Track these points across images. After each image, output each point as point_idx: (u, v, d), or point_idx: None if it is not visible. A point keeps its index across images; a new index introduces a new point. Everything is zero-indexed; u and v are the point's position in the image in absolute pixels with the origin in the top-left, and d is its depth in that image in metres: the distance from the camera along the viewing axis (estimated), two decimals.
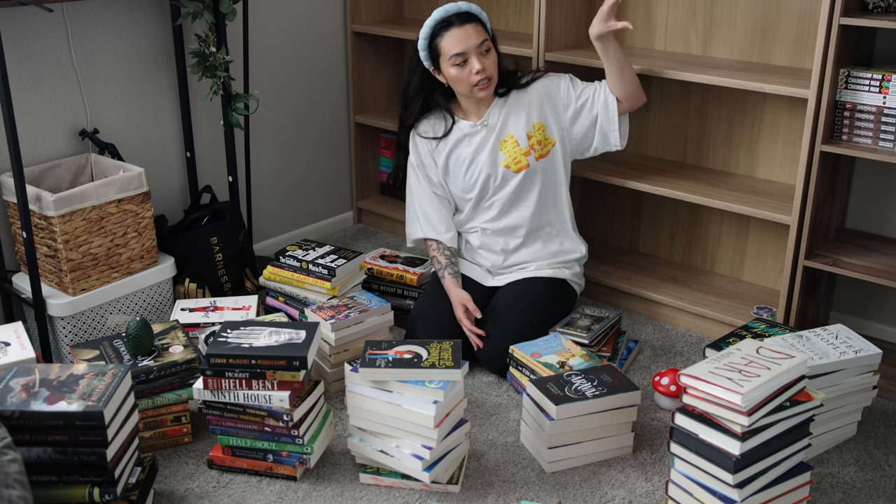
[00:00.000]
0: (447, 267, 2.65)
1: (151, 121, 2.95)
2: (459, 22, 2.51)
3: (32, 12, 2.55)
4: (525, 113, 2.63)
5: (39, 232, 2.53)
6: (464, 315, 2.53)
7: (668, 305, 2.88)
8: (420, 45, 2.57)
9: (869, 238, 2.66)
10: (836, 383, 2.14)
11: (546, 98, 2.64)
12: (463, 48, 2.49)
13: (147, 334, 2.23)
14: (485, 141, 2.64)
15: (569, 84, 2.65)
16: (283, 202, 3.48)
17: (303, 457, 2.09)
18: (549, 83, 2.65)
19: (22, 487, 1.61)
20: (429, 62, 2.58)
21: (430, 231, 2.71)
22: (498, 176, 2.64)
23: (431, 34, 2.54)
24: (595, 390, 2.16)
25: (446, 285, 2.62)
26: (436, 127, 2.68)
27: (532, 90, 2.64)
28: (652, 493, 2.08)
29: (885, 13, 2.30)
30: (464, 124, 2.66)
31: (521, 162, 2.62)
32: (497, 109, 2.64)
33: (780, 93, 2.45)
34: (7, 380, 1.89)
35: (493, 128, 2.63)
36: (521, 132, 2.62)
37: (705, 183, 2.80)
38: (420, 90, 2.65)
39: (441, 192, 2.72)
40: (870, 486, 2.10)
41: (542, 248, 2.72)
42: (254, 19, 3.09)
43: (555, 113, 2.64)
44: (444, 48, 2.52)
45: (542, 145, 2.62)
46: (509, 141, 2.62)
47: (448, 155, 2.67)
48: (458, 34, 2.49)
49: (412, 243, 2.80)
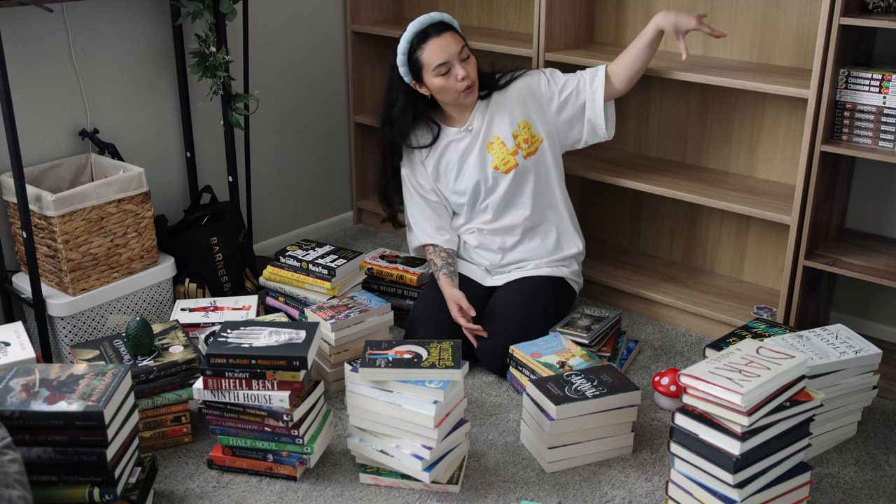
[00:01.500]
0: (442, 268, 2.66)
1: (151, 121, 2.95)
2: (437, 32, 2.51)
3: (32, 12, 2.55)
4: (508, 113, 2.63)
5: (39, 232, 2.53)
6: (458, 314, 2.54)
7: (668, 305, 2.88)
8: (399, 60, 2.56)
9: (869, 238, 2.66)
10: (836, 383, 2.14)
11: (528, 95, 2.64)
12: (446, 57, 2.50)
13: (147, 334, 2.23)
14: (471, 145, 2.64)
15: (549, 78, 2.65)
16: (283, 202, 3.48)
17: (303, 457, 2.10)
18: (530, 80, 2.65)
19: (22, 487, 1.61)
20: (409, 77, 2.58)
21: (424, 237, 2.73)
22: (488, 179, 2.64)
23: (410, 48, 2.54)
24: (595, 390, 2.16)
25: (441, 285, 2.63)
26: (422, 138, 2.68)
27: (513, 89, 2.65)
28: (652, 493, 2.08)
29: (885, 13, 2.30)
30: (449, 131, 2.66)
31: (509, 162, 2.62)
32: (480, 113, 2.64)
33: (780, 93, 2.45)
34: (7, 380, 1.89)
35: (479, 131, 2.64)
36: (506, 132, 2.62)
37: (705, 183, 2.80)
38: (407, 107, 2.63)
39: (435, 198, 2.73)
40: (870, 486, 2.10)
41: (540, 244, 2.72)
42: (254, 19, 3.09)
43: (538, 109, 2.64)
44: (427, 60, 2.51)
45: (529, 143, 2.62)
46: (496, 142, 2.63)
47: (437, 162, 2.68)
48: (439, 44, 2.50)
49: (414, 252, 2.82)
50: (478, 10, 3.42)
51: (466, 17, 3.45)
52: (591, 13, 3.07)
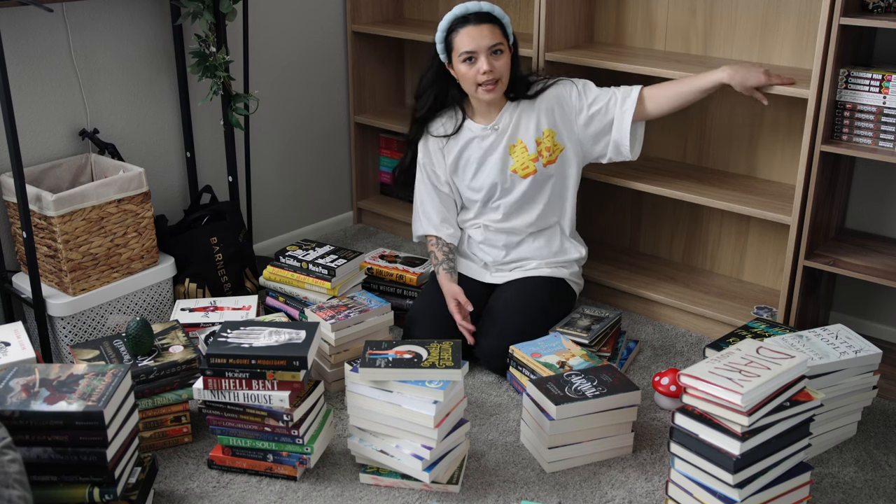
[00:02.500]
0: (443, 262, 2.66)
1: (151, 121, 2.95)
2: (475, 21, 2.51)
3: (32, 12, 2.55)
4: (535, 118, 2.63)
5: (39, 232, 2.53)
6: (456, 308, 2.54)
7: (668, 305, 2.88)
8: (437, 37, 2.58)
9: (869, 238, 2.66)
10: (836, 383, 2.14)
11: (557, 105, 2.63)
12: (473, 47, 2.49)
13: (147, 334, 2.23)
14: (495, 145, 2.64)
15: (580, 91, 2.64)
16: (283, 202, 3.48)
17: (303, 457, 2.09)
18: (561, 90, 2.64)
19: (22, 487, 1.61)
20: (444, 55, 2.59)
21: (429, 228, 2.73)
22: (506, 181, 2.65)
23: (448, 28, 2.55)
24: (595, 390, 2.16)
25: (440, 280, 2.63)
26: (447, 125, 2.69)
27: (543, 97, 2.64)
28: (652, 493, 2.08)
29: (885, 13, 2.30)
30: (475, 126, 2.66)
31: (528, 167, 2.63)
32: (508, 114, 2.64)
33: (780, 92, 2.45)
34: (7, 380, 1.89)
35: (504, 132, 2.63)
36: (530, 138, 2.63)
37: (705, 183, 2.80)
38: (434, 82, 2.66)
39: (447, 191, 2.73)
40: (870, 486, 2.10)
41: (545, 245, 2.73)
42: (254, 19, 3.09)
43: (566, 120, 2.64)
44: (457, 44, 2.53)
45: (551, 152, 2.63)
46: (518, 146, 2.63)
47: (458, 155, 2.68)
48: (472, 32, 2.50)
49: (417, 239, 2.82)
50: None
51: None
52: (591, 13, 3.07)
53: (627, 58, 2.82)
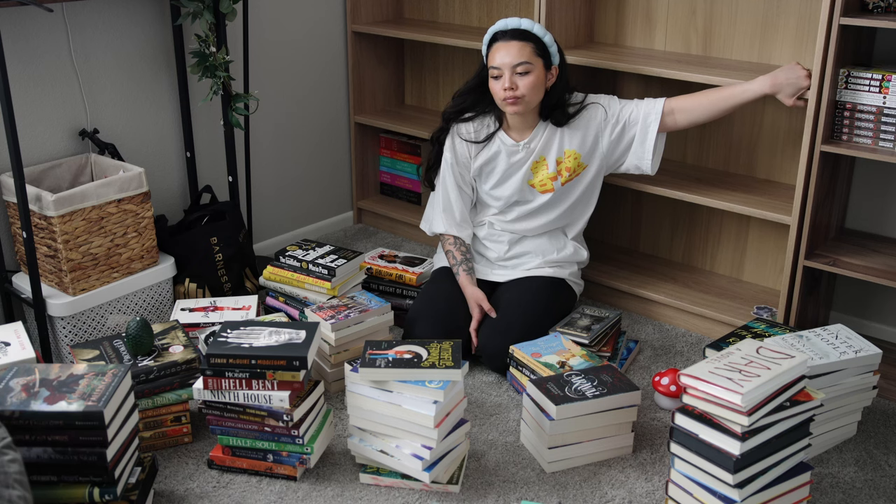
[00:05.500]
0: (462, 263, 2.68)
1: (151, 121, 2.95)
2: (507, 37, 2.53)
3: (32, 12, 2.55)
4: (560, 138, 2.65)
5: (39, 232, 2.53)
6: (479, 315, 2.57)
7: (668, 305, 2.88)
8: (483, 49, 2.63)
9: (869, 238, 2.66)
10: (836, 383, 2.14)
11: (584, 127, 2.65)
12: (499, 63, 2.52)
13: (147, 334, 2.23)
14: (522, 161, 2.66)
15: (605, 109, 2.65)
16: (283, 202, 3.48)
17: (303, 457, 2.10)
18: (591, 113, 2.65)
19: (22, 487, 1.61)
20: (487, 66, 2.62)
21: (452, 227, 2.74)
22: (525, 194, 2.69)
23: (489, 41, 2.59)
24: (595, 390, 2.16)
25: (461, 281, 2.65)
26: (478, 131, 2.70)
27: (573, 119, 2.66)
28: (652, 493, 2.08)
29: (885, 13, 2.30)
30: (507, 139, 2.67)
31: (546, 185, 2.67)
32: (540, 132, 2.65)
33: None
34: (7, 380, 1.89)
35: (533, 151, 2.66)
36: (552, 157, 2.65)
37: (705, 183, 2.80)
38: (474, 88, 2.68)
39: (468, 191, 2.76)
40: (870, 486, 2.10)
41: (548, 243, 2.76)
42: (254, 19, 3.09)
43: (593, 140, 2.66)
44: (490, 58, 2.57)
45: (571, 171, 2.66)
46: (541, 162, 2.66)
47: (485, 162, 2.70)
48: (501, 49, 2.53)
49: (431, 233, 2.83)
50: (478, 11, 3.42)
51: (466, 17, 3.45)
52: (591, 13, 3.07)
53: (627, 58, 2.82)
